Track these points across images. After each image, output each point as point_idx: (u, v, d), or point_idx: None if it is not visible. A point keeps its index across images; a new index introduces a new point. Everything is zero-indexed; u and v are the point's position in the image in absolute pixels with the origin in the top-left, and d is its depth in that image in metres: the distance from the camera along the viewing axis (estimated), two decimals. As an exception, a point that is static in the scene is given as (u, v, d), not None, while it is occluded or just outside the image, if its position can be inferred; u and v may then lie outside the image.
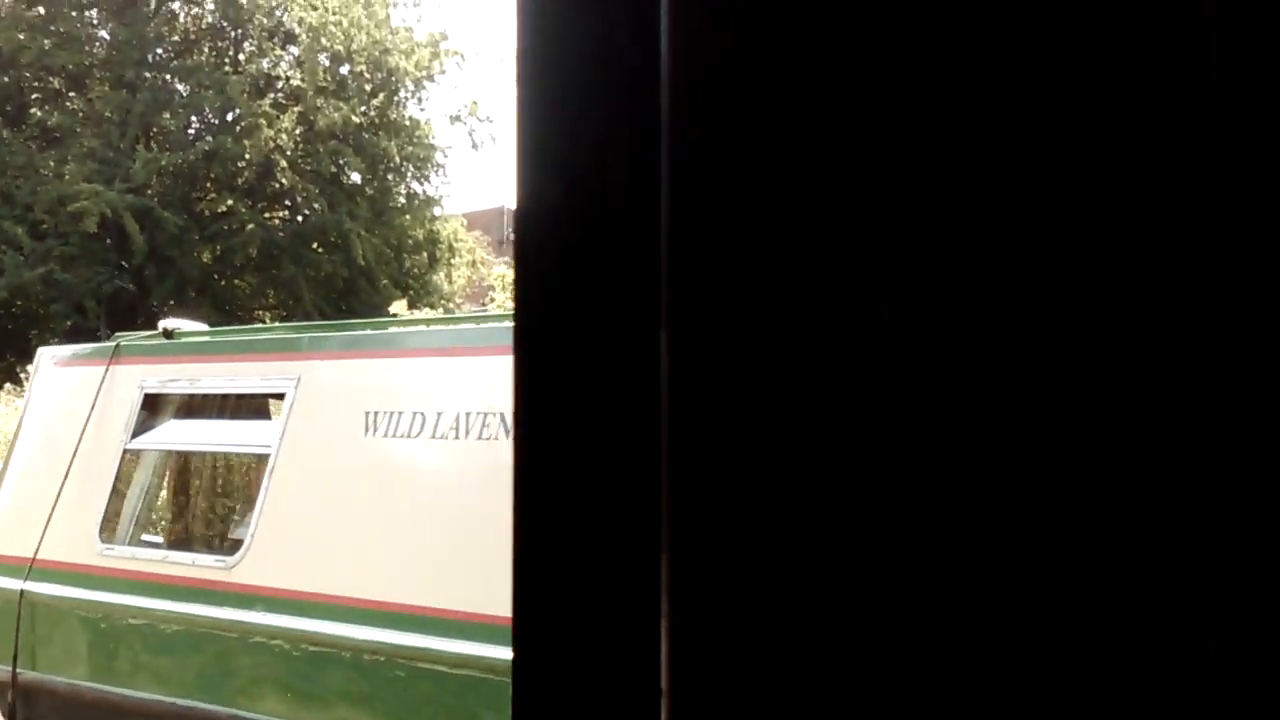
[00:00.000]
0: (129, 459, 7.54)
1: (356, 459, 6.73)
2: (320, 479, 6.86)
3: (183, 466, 8.62)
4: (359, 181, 34.02)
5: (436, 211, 34.88)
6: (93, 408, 7.55)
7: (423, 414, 6.55)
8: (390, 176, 34.44)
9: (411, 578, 6.39)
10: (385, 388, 6.75)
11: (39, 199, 31.20)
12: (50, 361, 8.11)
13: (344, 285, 33.11)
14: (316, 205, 33.09)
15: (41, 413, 7.93)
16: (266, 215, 33.77)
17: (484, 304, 32.70)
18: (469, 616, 6.12)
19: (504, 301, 22.66)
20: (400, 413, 6.62)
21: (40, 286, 31.17)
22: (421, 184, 34.95)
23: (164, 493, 8.47)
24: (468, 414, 6.42)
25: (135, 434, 7.49)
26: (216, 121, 33.59)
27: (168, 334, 7.77)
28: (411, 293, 32.32)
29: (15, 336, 31.46)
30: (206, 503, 8.80)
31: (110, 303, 31.97)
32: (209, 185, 33.57)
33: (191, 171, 32.91)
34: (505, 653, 5.90)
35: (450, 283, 34.93)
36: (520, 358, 0.91)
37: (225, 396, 7.55)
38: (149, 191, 32.11)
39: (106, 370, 7.60)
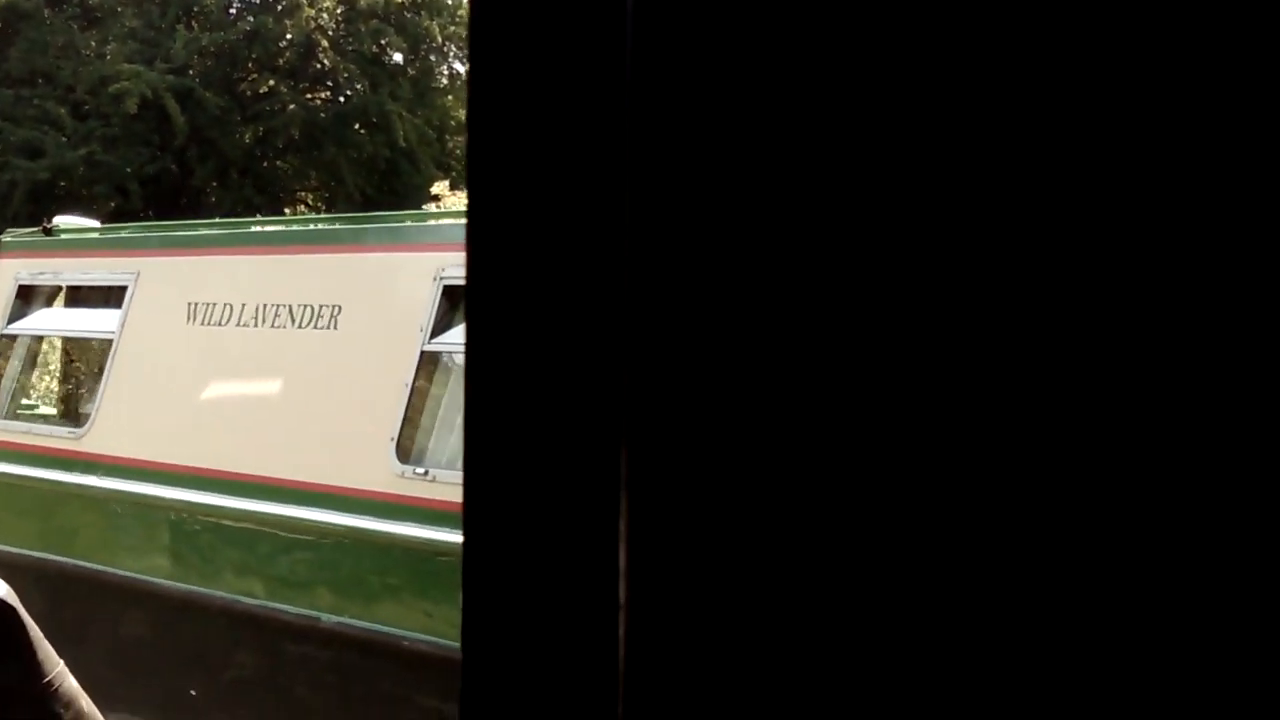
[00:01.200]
0: (4, 343, 9.06)
1: (179, 343, 8.17)
2: (152, 361, 8.31)
3: (50, 350, 10.17)
4: (401, 62, 35.34)
5: (479, 92, 36.08)
6: (-25, 298, 9.07)
7: (230, 305, 7.95)
8: (433, 57, 35.78)
9: (213, 446, 7.83)
10: (202, 282, 8.16)
11: (80, 79, 32.73)
12: (-56, 255, 9.64)
13: (386, 166, 34.47)
14: (358, 86, 34.47)
15: (-65, 301, 9.47)
16: (308, 96, 35.19)
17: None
18: (249, 478, 7.56)
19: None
20: (213, 304, 8.02)
21: (83, 168, 32.62)
22: (464, 63, 36.18)
23: (36, 373, 10.02)
24: (263, 305, 7.81)
25: (10, 320, 8.99)
26: (258, 1, 34.97)
27: (47, 231, 9.24)
28: (454, 174, 33.60)
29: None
30: (69, 382, 10.34)
31: (153, 184, 33.52)
32: (250, 66, 35.03)
33: (233, 52, 34.33)
34: (273, 508, 7.34)
35: (493, 164, 36.19)
36: (473, 315, 0.89)
37: (82, 288, 9.01)
38: (190, 72, 33.57)
39: (-12, 264, 9.10)
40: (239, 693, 7.67)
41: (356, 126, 34.79)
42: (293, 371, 7.66)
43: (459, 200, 23.29)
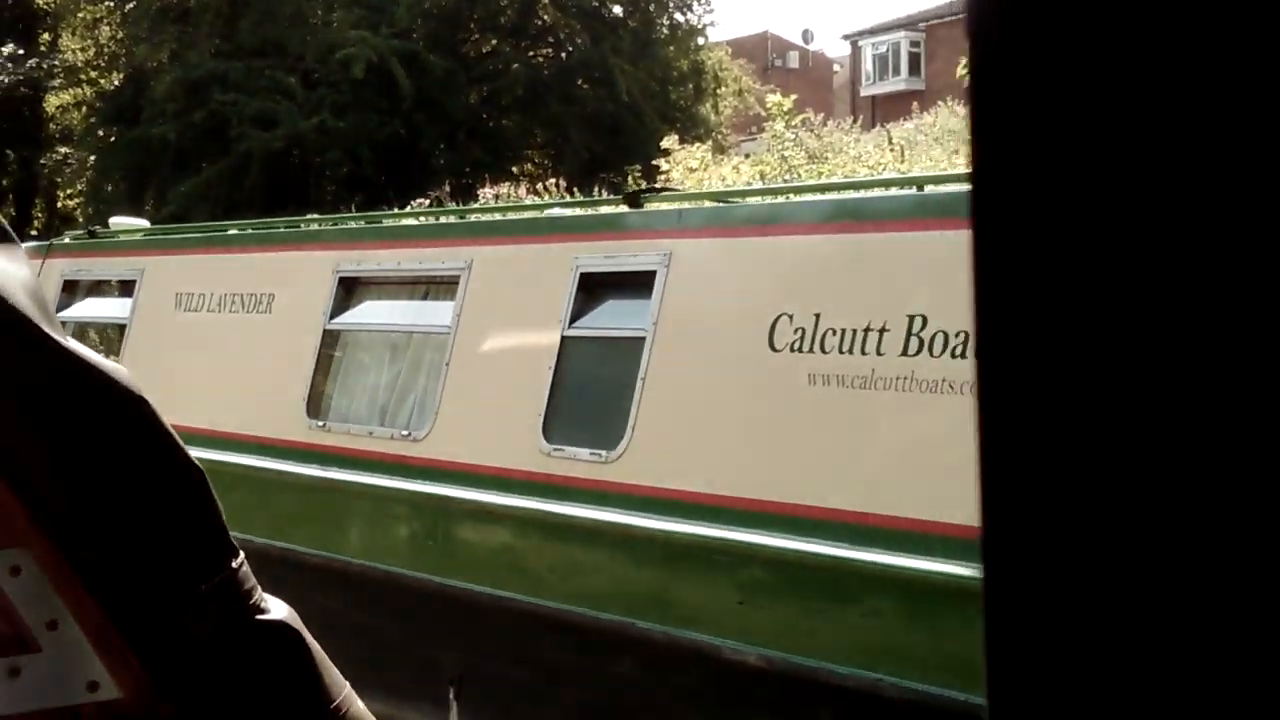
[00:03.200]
0: (54, 327, 11.94)
1: (170, 327, 10.92)
2: (152, 341, 11.09)
3: (84, 334, 13.09)
4: (621, 15, 37.98)
5: (700, 41, 38.60)
6: (33, 290, 11.95)
7: (203, 295, 10.66)
8: (652, 8, 38.28)
9: (194, 407, 10.55)
10: (186, 277, 10.89)
11: (309, 48, 36.27)
12: (14, 256, 12.59)
13: (610, 122, 37.17)
14: (579, 41, 37.29)
15: (7, 294, 12.40)
16: (530, 54, 38.15)
17: (752, 133, 36.20)
18: (211, 433, 10.24)
19: (780, 131, 25.16)
20: (191, 294, 10.75)
21: (314, 135, 36.12)
22: (684, 14, 38.70)
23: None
24: (232, 294, 10.49)
25: (58, 310, 11.87)
26: (478, -39, 38.04)
27: (91, 234, 12.11)
28: (679, 125, 36.11)
29: (294, 186, 36.86)
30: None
31: (383, 149, 36.84)
32: (472, 26, 38.16)
33: (455, 13, 37.47)
34: (217, 455, 9.99)
35: (717, 113, 38.68)
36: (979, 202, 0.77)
37: (105, 282, 11.85)
38: (414, 35, 36.84)
39: (42, 263, 11.98)
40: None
41: (579, 82, 37.59)
42: (241, 345, 10.31)
43: (688, 154, 25.20)
